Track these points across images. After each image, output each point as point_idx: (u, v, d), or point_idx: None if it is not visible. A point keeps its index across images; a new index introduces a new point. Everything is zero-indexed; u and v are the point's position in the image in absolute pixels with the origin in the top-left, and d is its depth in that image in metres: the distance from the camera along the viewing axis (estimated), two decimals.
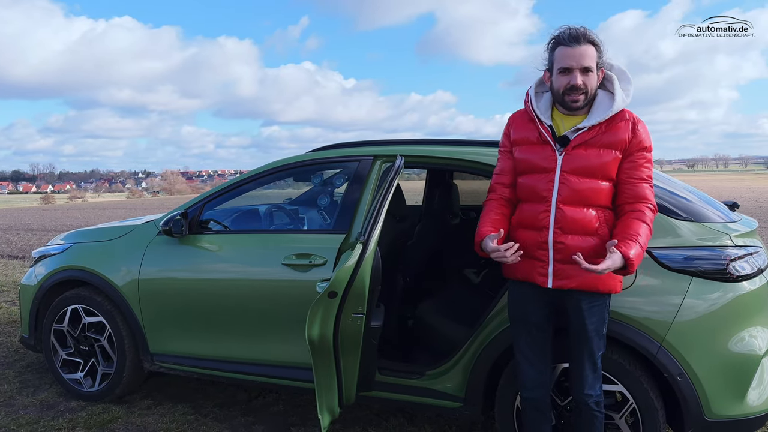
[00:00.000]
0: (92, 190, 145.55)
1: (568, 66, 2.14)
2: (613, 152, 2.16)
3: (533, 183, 2.23)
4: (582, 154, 2.16)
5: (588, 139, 2.17)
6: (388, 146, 3.10)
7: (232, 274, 3.18)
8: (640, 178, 2.18)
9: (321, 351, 2.37)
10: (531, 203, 2.25)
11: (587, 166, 2.16)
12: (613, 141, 2.16)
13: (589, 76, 2.15)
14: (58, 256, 3.73)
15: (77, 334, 3.62)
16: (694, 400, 2.39)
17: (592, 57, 2.14)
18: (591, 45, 2.15)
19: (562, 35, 2.16)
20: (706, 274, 2.42)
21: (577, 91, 2.15)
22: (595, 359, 2.26)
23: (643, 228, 2.12)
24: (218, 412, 3.45)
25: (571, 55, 2.13)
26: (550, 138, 2.21)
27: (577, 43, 2.13)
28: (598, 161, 2.15)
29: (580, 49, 2.13)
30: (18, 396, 3.69)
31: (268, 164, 3.34)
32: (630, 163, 2.18)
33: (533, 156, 2.24)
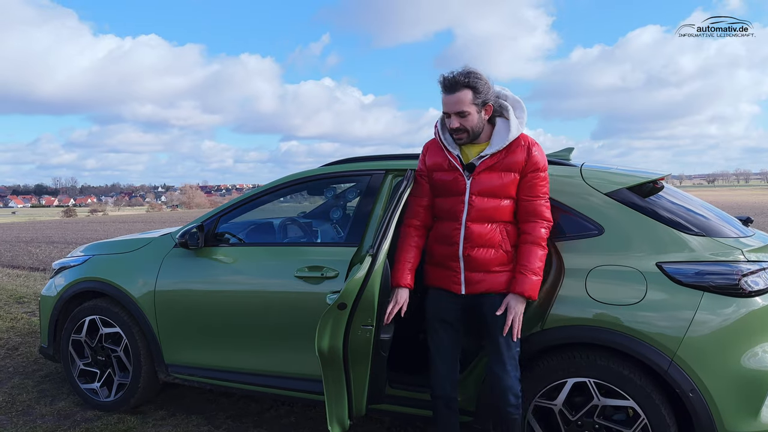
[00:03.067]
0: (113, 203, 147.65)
1: (446, 111, 2.43)
2: (512, 174, 2.45)
3: (448, 205, 2.52)
4: (486, 177, 2.45)
5: (491, 164, 2.45)
6: (400, 160, 3.13)
7: (245, 286, 3.23)
8: (535, 196, 2.46)
9: (331, 362, 2.39)
10: (445, 221, 2.54)
11: (491, 188, 2.45)
12: (512, 164, 2.44)
13: (467, 118, 2.40)
14: (77, 267, 3.81)
15: (94, 345, 3.68)
16: (707, 417, 2.36)
17: (466, 101, 2.38)
18: (467, 89, 2.38)
19: (442, 82, 2.41)
20: (718, 289, 2.41)
21: (459, 132, 2.43)
22: (512, 353, 2.46)
23: (534, 252, 2.43)
24: (231, 424, 3.48)
25: (447, 102, 2.41)
26: (458, 165, 2.49)
27: (452, 91, 2.39)
28: (500, 182, 2.45)
29: (454, 97, 2.39)
30: (36, 405, 3.76)
31: (283, 178, 3.39)
32: (527, 183, 2.46)
33: (445, 179, 2.52)
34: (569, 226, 2.68)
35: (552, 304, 2.59)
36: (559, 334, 2.57)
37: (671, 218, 2.60)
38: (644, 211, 2.62)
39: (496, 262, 2.46)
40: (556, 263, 2.65)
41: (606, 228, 2.62)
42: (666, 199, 2.76)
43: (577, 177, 2.78)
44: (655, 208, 2.64)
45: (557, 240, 2.67)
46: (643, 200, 2.67)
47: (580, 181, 2.76)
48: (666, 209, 2.66)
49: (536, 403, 2.62)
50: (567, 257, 2.62)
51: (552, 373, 2.58)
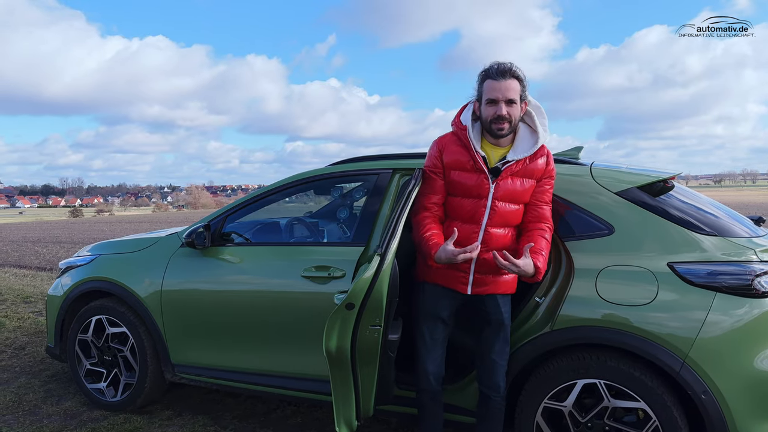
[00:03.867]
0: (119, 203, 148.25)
1: (495, 98, 2.39)
2: (532, 181, 2.49)
3: (468, 207, 2.48)
4: (510, 183, 2.45)
5: (516, 170, 2.45)
6: (408, 159, 3.11)
7: (252, 285, 3.21)
8: (545, 202, 2.53)
9: (338, 363, 2.37)
10: (462, 223, 2.49)
11: (513, 194, 2.46)
12: (534, 171, 2.48)
13: (513, 107, 2.40)
14: (83, 267, 3.81)
15: (101, 345, 3.68)
16: (719, 419, 2.33)
17: (516, 90, 2.39)
18: (516, 79, 2.39)
19: (491, 69, 2.40)
20: (731, 290, 2.38)
21: (503, 121, 2.40)
22: (507, 348, 2.58)
23: (546, 244, 2.45)
24: (237, 424, 3.47)
25: (497, 88, 2.38)
26: (485, 167, 2.45)
27: (503, 77, 2.38)
28: (522, 189, 2.47)
29: (505, 83, 2.37)
30: (42, 405, 3.76)
31: (290, 177, 3.37)
32: (539, 189, 2.51)
33: (467, 181, 2.47)
34: (579, 226, 2.65)
35: (562, 304, 2.56)
36: (568, 335, 2.54)
37: (682, 217, 2.57)
38: (655, 211, 2.59)
39: None
40: (566, 263, 2.62)
41: (616, 227, 2.59)
42: (677, 199, 2.73)
43: (586, 176, 2.75)
44: (666, 207, 2.61)
45: (567, 240, 2.64)
46: (654, 199, 2.64)
47: (589, 180, 2.73)
48: (677, 208, 2.63)
49: (546, 404, 2.59)
50: (577, 257, 2.59)
51: (562, 375, 2.55)
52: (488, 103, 2.40)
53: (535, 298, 2.68)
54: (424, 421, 2.70)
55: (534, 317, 2.65)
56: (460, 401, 2.84)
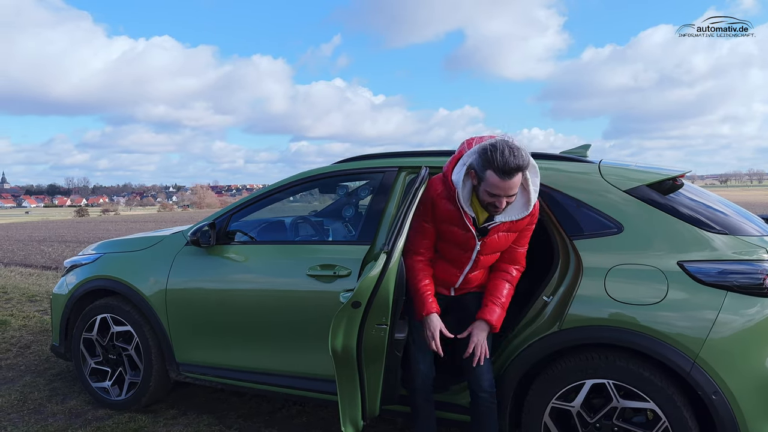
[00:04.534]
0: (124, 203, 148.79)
1: (500, 194, 2.32)
2: (516, 233, 2.55)
3: (453, 254, 2.59)
4: (495, 240, 2.52)
5: (502, 229, 2.50)
6: (413, 158, 3.09)
7: (257, 284, 3.19)
8: (522, 246, 2.60)
9: (344, 362, 2.35)
10: (447, 264, 2.63)
11: (496, 247, 2.56)
12: (519, 226, 2.52)
13: (513, 197, 2.36)
14: (88, 265, 3.80)
15: (106, 343, 3.66)
16: (730, 420, 2.30)
17: (518, 183, 2.32)
18: (520, 172, 2.29)
19: (497, 164, 2.24)
20: (742, 289, 2.34)
21: (498, 209, 2.39)
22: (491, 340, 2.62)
23: (507, 289, 2.59)
24: (242, 423, 3.45)
25: (501, 187, 2.29)
26: (472, 228, 2.48)
27: (509, 176, 2.27)
28: (505, 243, 2.55)
29: (510, 182, 2.28)
30: (47, 404, 3.75)
31: (295, 176, 3.35)
32: (520, 235, 2.57)
33: (456, 235, 2.52)
34: (587, 224, 2.62)
35: (570, 304, 2.53)
36: (577, 335, 2.51)
37: (692, 216, 2.53)
38: (664, 209, 2.55)
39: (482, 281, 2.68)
40: (575, 262, 2.60)
41: (625, 226, 2.56)
42: (686, 197, 2.70)
43: (595, 174, 2.72)
44: (676, 205, 2.58)
45: (575, 238, 2.61)
46: (663, 197, 2.61)
47: (598, 177, 2.70)
48: (687, 206, 2.59)
49: (553, 404, 2.56)
50: (585, 256, 2.56)
51: (570, 375, 2.52)
52: (488, 194, 2.34)
53: (543, 297, 2.65)
54: (419, 420, 2.71)
55: (542, 317, 2.62)
56: (465, 401, 2.81)
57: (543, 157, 2.92)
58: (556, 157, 2.94)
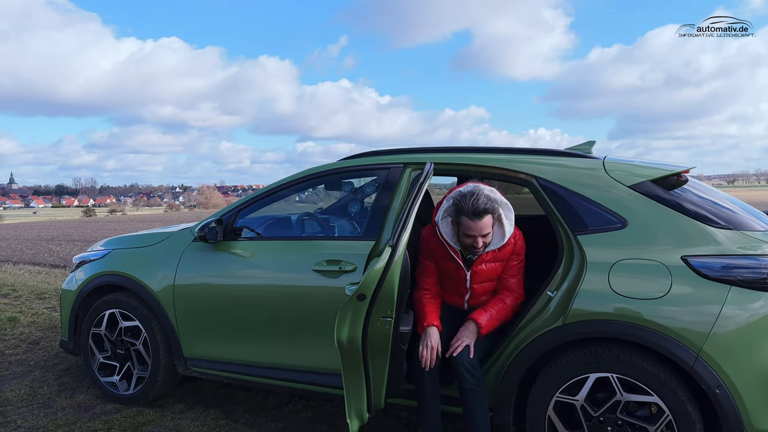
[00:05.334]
0: (131, 203, 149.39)
1: (473, 234, 2.66)
2: (503, 263, 2.85)
3: (452, 285, 2.91)
4: (483, 269, 2.82)
5: (486, 259, 2.80)
6: (418, 154, 3.11)
7: (264, 279, 3.22)
8: (512, 275, 2.87)
9: (350, 354, 2.37)
10: (453, 294, 2.94)
11: (487, 277, 2.85)
12: (503, 256, 2.82)
13: (487, 236, 2.69)
14: (97, 261, 3.84)
15: (114, 338, 3.70)
16: (734, 414, 2.31)
17: (489, 224, 2.66)
18: (489, 215, 2.63)
19: (466, 210, 2.62)
20: (746, 283, 2.35)
21: (478, 248, 2.71)
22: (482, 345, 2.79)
23: (500, 306, 2.82)
24: (249, 418, 3.48)
25: (473, 228, 2.64)
26: (459, 260, 2.82)
27: (479, 218, 2.62)
28: (494, 272, 2.85)
29: (481, 223, 2.63)
30: (56, 398, 3.79)
31: (301, 172, 3.38)
32: (507, 265, 2.86)
33: (450, 269, 2.86)
34: (592, 219, 2.63)
35: (574, 298, 2.55)
36: (581, 329, 2.52)
37: (696, 211, 2.55)
38: (669, 204, 2.56)
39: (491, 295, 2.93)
40: (579, 257, 2.61)
41: (629, 221, 2.57)
42: (691, 192, 2.71)
43: (599, 169, 2.73)
44: (680, 200, 2.59)
45: (579, 234, 2.63)
46: (668, 193, 2.62)
47: (602, 173, 2.71)
48: (691, 202, 2.60)
49: (558, 398, 2.57)
50: (589, 251, 2.58)
51: (574, 369, 2.54)
52: (465, 236, 2.70)
53: (547, 292, 2.66)
54: (424, 416, 2.78)
55: (546, 311, 2.63)
56: None
57: (548, 153, 2.95)
58: (561, 153, 2.95)
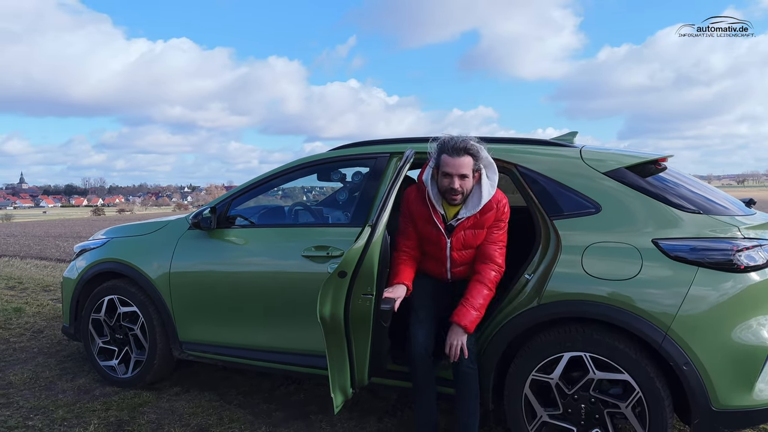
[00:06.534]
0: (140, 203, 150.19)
1: (449, 172, 2.64)
2: (484, 230, 2.78)
3: (433, 250, 2.86)
4: (462, 236, 2.77)
5: (467, 225, 2.75)
6: (404, 144, 3.21)
7: (256, 266, 3.34)
8: (493, 242, 2.78)
9: (332, 330, 2.48)
10: (434, 261, 2.89)
11: (467, 243, 2.80)
12: (484, 222, 2.75)
13: (465, 180, 2.66)
14: (97, 249, 3.97)
15: (113, 324, 3.83)
16: (701, 390, 2.40)
17: (468, 166, 2.64)
18: (469, 156, 2.63)
19: (447, 145, 2.65)
20: (713, 265, 2.44)
21: (455, 192, 2.67)
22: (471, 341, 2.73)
23: (485, 293, 2.71)
24: (242, 399, 3.60)
25: (452, 164, 2.63)
26: (441, 225, 2.77)
27: (458, 155, 2.62)
28: (474, 239, 2.79)
29: (459, 160, 2.62)
30: (58, 381, 3.93)
31: (292, 162, 3.49)
32: (489, 232, 2.78)
33: (429, 233, 2.81)
34: (567, 205, 2.73)
35: (548, 280, 2.65)
36: (554, 309, 2.62)
37: (668, 197, 2.63)
38: (642, 190, 2.65)
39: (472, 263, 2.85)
40: (554, 241, 2.70)
41: (603, 206, 2.66)
42: (666, 180, 2.79)
43: (576, 158, 2.83)
44: (653, 187, 2.68)
45: (555, 218, 2.72)
46: (642, 179, 2.71)
47: (579, 161, 2.80)
48: (664, 189, 2.69)
49: (533, 377, 2.67)
50: (564, 234, 2.67)
51: (549, 348, 2.63)
52: (443, 176, 2.67)
53: (525, 275, 2.76)
54: (417, 396, 2.82)
55: (523, 293, 2.73)
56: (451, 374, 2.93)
57: (527, 143, 3.05)
58: (541, 142, 3.05)
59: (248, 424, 3.25)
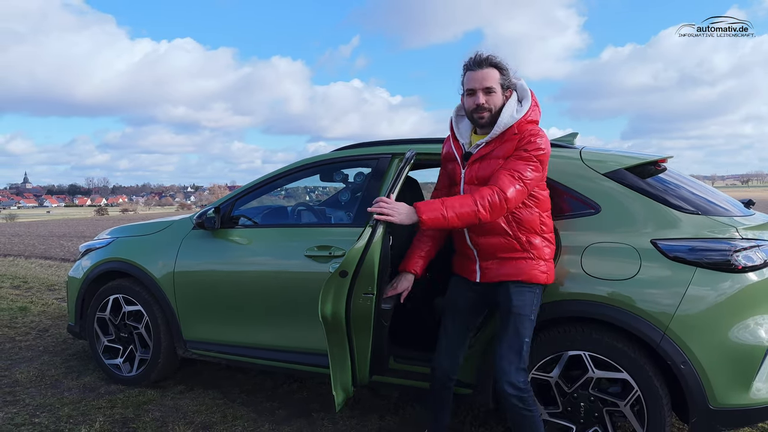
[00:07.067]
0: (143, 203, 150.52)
1: (473, 87, 2.40)
2: (502, 161, 2.39)
3: (453, 194, 2.54)
4: (478, 167, 2.44)
5: (485, 153, 2.43)
6: (405, 145, 3.25)
7: (259, 265, 3.38)
8: (504, 167, 2.35)
9: (334, 328, 2.51)
10: (457, 234, 2.57)
11: (482, 177, 2.42)
12: (504, 153, 2.40)
13: (492, 95, 2.39)
14: (102, 249, 4.02)
15: (118, 322, 3.88)
16: (698, 388, 2.43)
17: (494, 78, 2.39)
18: (493, 68, 2.39)
19: (469, 61, 2.42)
20: (711, 265, 2.47)
21: (482, 110, 2.40)
22: (519, 340, 2.38)
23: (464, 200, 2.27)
24: (245, 398, 3.64)
25: (474, 78, 2.40)
26: (458, 155, 2.52)
27: (480, 67, 2.39)
28: (489, 171, 2.40)
29: (482, 72, 2.39)
30: (64, 379, 3.97)
31: (295, 163, 3.53)
32: (507, 159, 2.38)
33: (450, 171, 2.57)
34: (567, 205, 2.76)
35: None
36: (555, 309, 2.64)
37: (668, 198, 2.66)
38: (641, 191, 2.68)
39: (506, 249, 2.45)
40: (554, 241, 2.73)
41: (603, 206, 2.69)
42: (666, 181, 2.82)
43: (576, 159, 2.85)
44: (653, 188, 2.71)
45: (556, 219, 2.75)
46: (642, 180, 2.73)
47: (578, 162, 2.83)
48: (664, 189, 2.72)
49: (533, 375, 2.70)
50: (564, 235, 2.70)
51: (548, 347, 2.66)
52: (468, 94, 2.44)
53: None
54: (433, 402, 2.73)
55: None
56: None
57: None
58: None
59: (251, 422, 3.28)
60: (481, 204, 2.26)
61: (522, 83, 2.51)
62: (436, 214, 2.25)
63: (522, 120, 2.40)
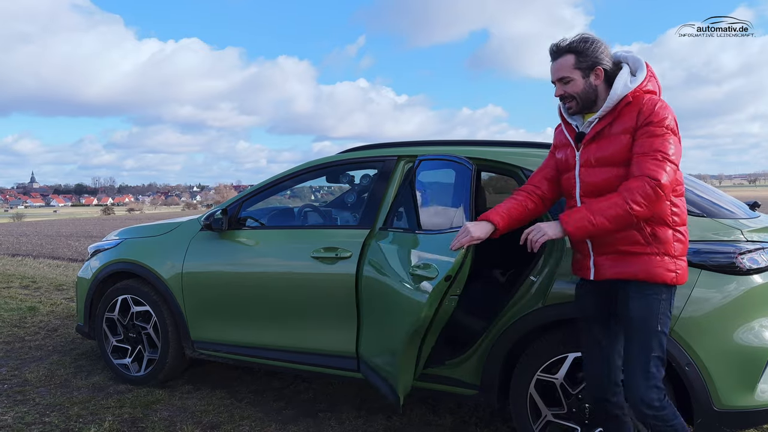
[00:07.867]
0: (149, 202, 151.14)
1: (552, 80, 2.26)
2: (623, 138, 2.11)
3: (564, 182, 2.31)
4: (595, 146, 2.18)
5: (599, 130, 2.17)
6: (411, 147, 3.27)
7: (266, 266, 3.41)
8: (642, 153, 2.05)
9: (419, 330, 2.51)
10: (567, 200, 2.32)
11: (599, 157, 2.16)
12: (623, 128, 2.12)
13: (569, 84, 2.20)
14: (111, 250, 4.06)
15: (126, 323, 3.92)
16: (703, 390, 2.43)
17: (568, 67, 2.19)
18: (569, 54, 2.19)
19: (549, 51, 2.27)
20: (716, 268, 2.47)
21: (565, 100, 2.25)
22: (645, 355, 2.10)
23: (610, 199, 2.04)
24: (253, 398, 3.67)
25: (550, 70, 2.26)
26: (570, 137, 2.29)
27: (553, 58, 2.25)
28: (610, 150, 2.13)
29: (556, 64, 2.23)
30: (73, 379, 4.01)
31: (302, 165, 3.56)
32: (636, 141, 2.08)
33: (565, 155, 2.31)
34: None
35: (553, 282, 2.69)
36: (558, 311, 2.66)
37: None
38: None
39: (625, 241, 2.13)
40: (559, 243, 2.74)
41: None
42: None
43: None
44: None
45: None
46: None
47: None
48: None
49: (538, 377, 2.72)
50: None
51: (553, 348, 2.68)
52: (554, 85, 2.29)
53: (531, 277, 2.80)
54: None
55: (528, 295, 2.78)
56: (461, 375, 2.98)
57: (532, 146, 3.09)
58: (546, 145, 3.09)
59: (258, 422, 3.32)
60: (632, 200, 1.99)
61: (633, 55, 2.24)
62: (583, 222, 2.04)
63: (637, 89, 2.13)
